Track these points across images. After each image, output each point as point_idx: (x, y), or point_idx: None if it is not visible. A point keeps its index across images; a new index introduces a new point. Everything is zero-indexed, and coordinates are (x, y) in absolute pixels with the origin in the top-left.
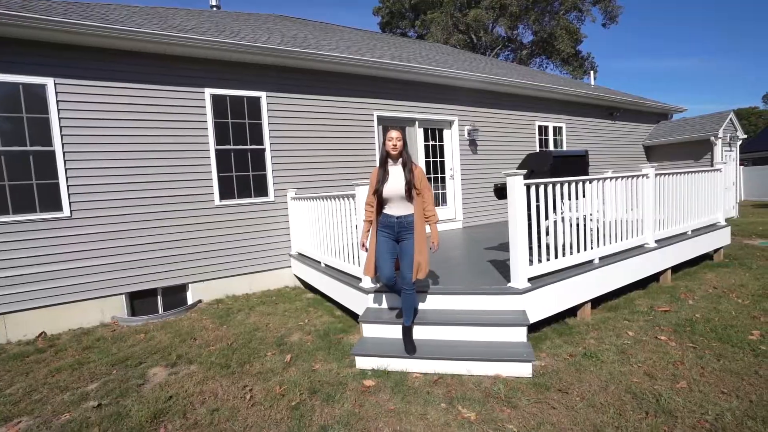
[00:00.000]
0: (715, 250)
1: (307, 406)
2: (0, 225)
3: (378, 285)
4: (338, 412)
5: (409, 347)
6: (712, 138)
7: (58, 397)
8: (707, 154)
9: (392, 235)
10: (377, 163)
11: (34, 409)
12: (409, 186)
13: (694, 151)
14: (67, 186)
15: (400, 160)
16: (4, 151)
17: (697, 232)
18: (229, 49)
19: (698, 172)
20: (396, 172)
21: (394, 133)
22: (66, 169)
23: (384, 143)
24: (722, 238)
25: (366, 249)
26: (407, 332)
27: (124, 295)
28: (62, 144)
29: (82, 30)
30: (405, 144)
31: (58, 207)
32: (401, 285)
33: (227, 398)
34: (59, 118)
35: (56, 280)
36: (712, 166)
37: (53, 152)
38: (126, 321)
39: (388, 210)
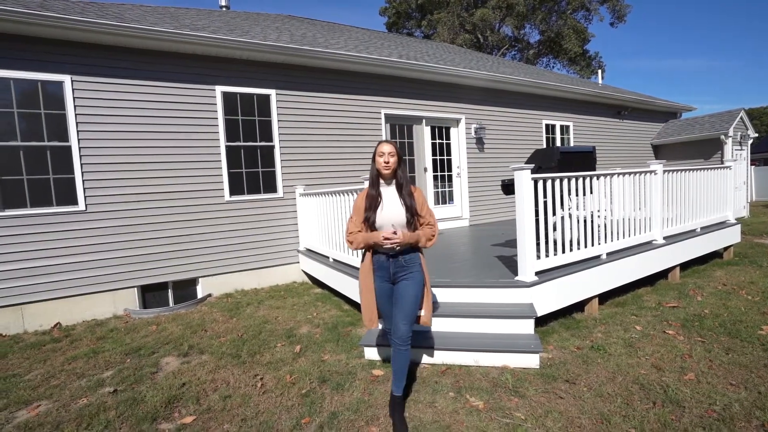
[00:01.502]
0: (725, 248)
1: (317, 394)
2: (18, 218)
3: None
4: (348, 399)
5: (400, 425)
6: (722, 136)
7: (75, 383)
8: (717, 153)
9: (387, 278)
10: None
11: (52, 393)
12: (412, 213)
13: (703, 149)
14: (83, 180)
15: (395, 180)
16: (23, 146)
17: (707, 229)
18: (240, 48)
19: (707, 169)
20: (390, 195)
21: (385, 147)
22: (81, 164)
23: (373, 159)
24: (732, 236)
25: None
26: (397, 405)
27: (136, 288)
28: (78, 139)
29: (98, 28)
30: (400, 160)
31: (74, 201)
32: (393, 338)
33: (239, 386)
34: (75, 114)
35: (71, 272)
36: (722, 164)
37: (69, 147)
38: (138, 313)
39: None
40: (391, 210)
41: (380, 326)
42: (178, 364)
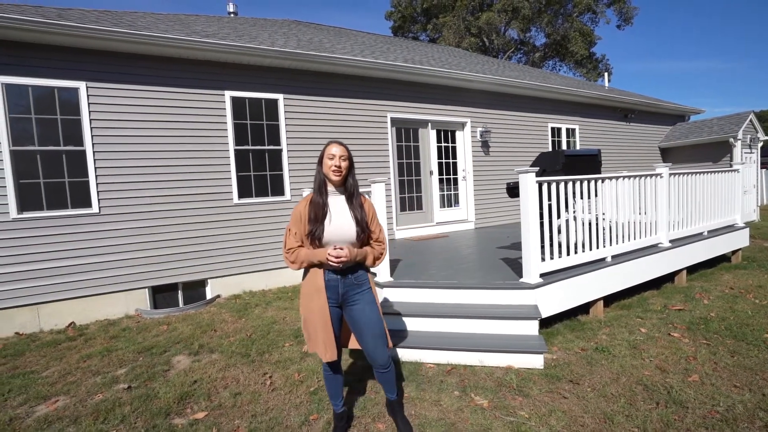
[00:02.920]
0: (734, 252)
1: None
2: (35, 220)
3: (392, 279)
4: (355, 398)
5: (404, 426)
6: (731, 139)
7: (91, 380)
8: (726, 156)
9: (335, 300)
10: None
11: (69, 389)
12: (362, 227)
13: (712, 153)
14: (96, 184)
15: (344, 188)
16: (40, 150)
17: (714, 233)
18: (249, 53)
19: (715, 172)
20: (339, 206)
21: (335, 149)
22: (95, 168)
23: (320, 162)
24: (740, 240)
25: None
26: (396, 407)
27: (147, 289)
28: (92, 144)
29: (113, 36)
30: (351, 165)
31: (88, 204)
32: (374, 366)
33: (249, 383)
34: (90, 120)
35: (85, 273)
36: (730, 167)
37: (84, 152)
38: (149, 313)
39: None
40: (341, 223)
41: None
42: (189, 362)
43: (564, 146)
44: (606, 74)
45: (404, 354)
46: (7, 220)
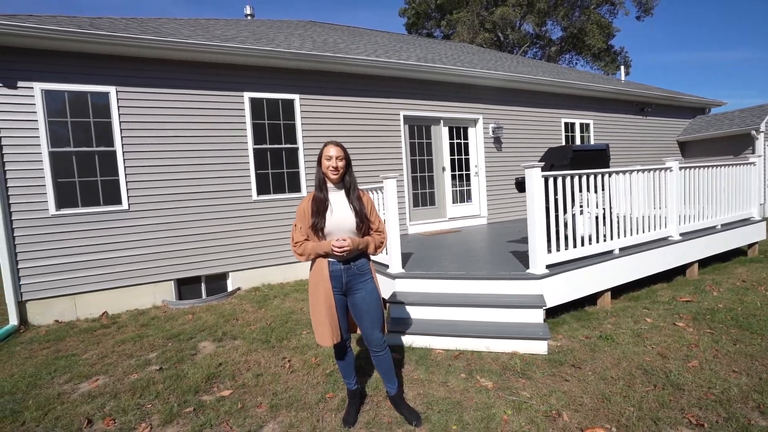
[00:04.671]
0: (750, 246)
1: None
2: (71, 216)
3: (404, 271)
4: (367, 379)
5: (410, 414)
6: (753, 132)
7: (126, 362)
8: (748, 149)
9: (339, 289)
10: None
11: (107, 370)
12: (361, 218)
13: (733, 146)
14: (126, 182)
15: (342, 184)
16: (75, 151)
17: (728, 226)
18: (266, 56)
19: (729, 165)
20: (339, 200)
21: (332, 150)
22: (125, 167)
23: (319, 162)
24: (756, 233)
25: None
26: (399, 401)
27: (172, 281)
28: (122, 145)
29: (141, 43)
30: (348, 163)
31: (118, 201)
32: (369, 347)
33: (269, 366)
34: (120, 122)
35: (116, 266)
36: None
37: (114, 152)
38: (174, 304)
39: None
40: (341, 215)
41: (399, 315)
42: (214, 347)
43: (578, 141)
44: (622, 67)
45: (414, 340)
46: (47, 216)
